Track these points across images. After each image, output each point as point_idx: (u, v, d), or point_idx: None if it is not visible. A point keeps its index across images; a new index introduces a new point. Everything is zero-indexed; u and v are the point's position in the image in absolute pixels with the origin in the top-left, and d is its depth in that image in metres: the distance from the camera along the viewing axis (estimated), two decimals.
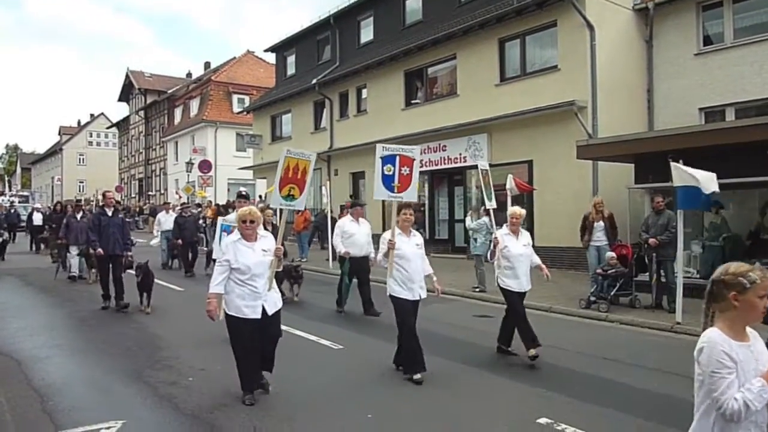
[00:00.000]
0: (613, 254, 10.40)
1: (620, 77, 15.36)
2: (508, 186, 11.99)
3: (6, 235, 20.26)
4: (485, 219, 12.41)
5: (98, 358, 7.28)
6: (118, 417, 5.04)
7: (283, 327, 8.82)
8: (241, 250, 5.37)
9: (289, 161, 5.91)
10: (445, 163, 19.00)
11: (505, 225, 7.36)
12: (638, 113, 15.77)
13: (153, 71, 55.09)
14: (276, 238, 5.78)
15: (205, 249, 17.40)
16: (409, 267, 6.32)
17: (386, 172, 6.39)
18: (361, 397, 5.72)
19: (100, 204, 12.13)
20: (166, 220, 17.45)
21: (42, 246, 21.06)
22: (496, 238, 7.24)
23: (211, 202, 26.52)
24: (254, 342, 5.42)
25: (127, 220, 15.00)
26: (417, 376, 6.07)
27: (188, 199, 32.35)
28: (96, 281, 12.77)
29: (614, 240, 11.00)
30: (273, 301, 5.57)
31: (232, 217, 7.80)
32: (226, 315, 5.38)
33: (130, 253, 10.66)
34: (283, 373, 6.55)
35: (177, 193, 35.34)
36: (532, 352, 6.74)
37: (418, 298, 6.38)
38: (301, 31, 27.61)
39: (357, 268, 10.20)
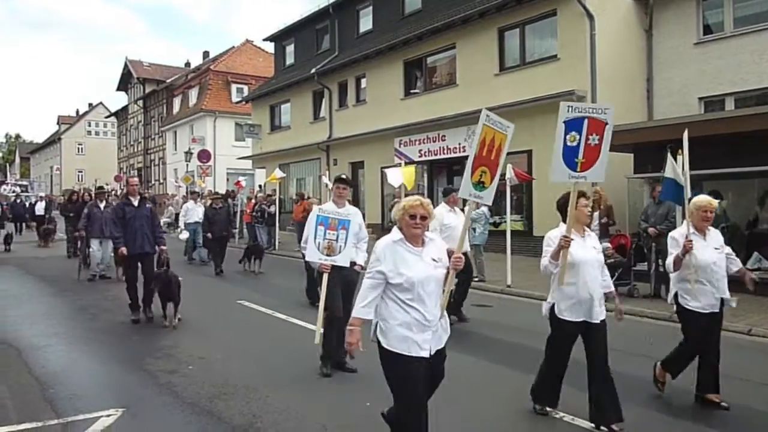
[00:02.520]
0: (609, 245, 10.42)
1: (620, 67, 15.33)
2: (507, 176, 12.01)
3: (11, 228, 19.59)
4: (484, 209, 12.42)
5: (98, 346, 7.30)
6: (118, 405, 5.07)
7: (281, 316, 9.00)
8: (405, 258, 3.71)
9: (486, 132, 4.32)
10: (444, 153, 18.97)
11: (684, 221, 5.40)
12: (638, 103, 15.75)
13: (151, 61, 54.93)
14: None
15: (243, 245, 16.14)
16: (583, 278, 4.64)
17: (569, 143, 4.68)
18: (359, 385, 5.75)
19: (123, 192, 10.25)
20: (195, 212, 15.93)
21: (46, 238, 20.27)
22: (689, 241, 4.99)
23: (210, 191, 26.48)
24: (424, 390, 3.80)
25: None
26: (615, 429, 4.50)
27: (187, 189, 32.29)
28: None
29: (606, 233, 10.99)
30: (440, 334, 3.84)
31: (329, 206, 6.15)
32: (383, 350, 3.71)
33: (164, 247, 8.87)
34: (281, 362, 6.59)
35: (176, 182, 35.29)
36: (715, 399, 5.16)
37: (596, 320, 4.65)
38: (300, 21, 27.50)
39: None
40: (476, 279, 11.94)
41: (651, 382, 5.60)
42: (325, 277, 5.72)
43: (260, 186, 26.78)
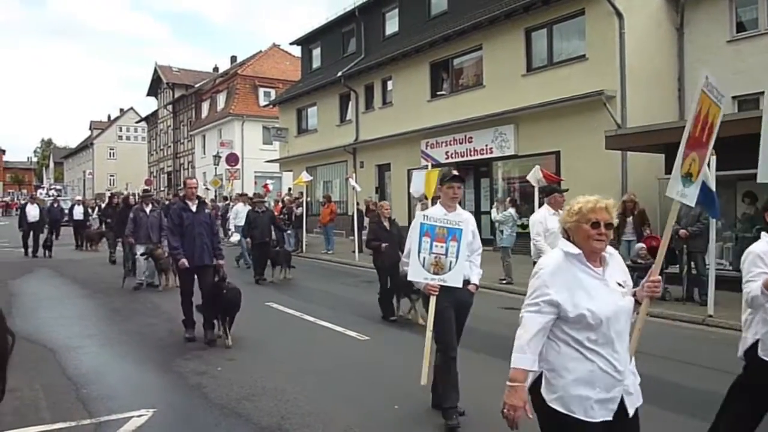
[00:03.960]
0: (643, 245, 10.27)
1: (650, 66, 15.08)
2: (535, 177, 11.91)
3: (46, 232, 19.70)
4: (511, 211, 12.36)
5: (130, 347, 7.42)
6: (149, 405, 5.14)
7: (309, 318, 9.04)
8: (584, 284, 2.64)
9: (702, 101, 3.14)
10: (471, 155, 18.88)
11: None
12: (668, 102, 15.48)
13: (180, 66, 55.73)
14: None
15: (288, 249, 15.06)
16: None
17: None
18: (386, 388, 5.74)
19: (179, 195, 9.18)
20: (245, 214, 14.96)
21: (86, 243, 20.33)
22: None
23: (239, 194, 26.73)
24: None
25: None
26: None
27: (216, 193, 32.61)
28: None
29: (641, 234, 10.97)
30: (634, 387, 2.73)
31: (436, 212, 4.94)
32: (548, 410, 2.68)
33: (222, 261, 7.89)
34: (309, 364, 6.62)
35: (205, 186, 35.72)
36: None
37: None
38: (326, 24, 27.66)
39: None
40: (503, 281, 11.87)
41: (684, 386, 5.49)
42: (433, 300, 4.74)
43: (289, 189, 27.05)
